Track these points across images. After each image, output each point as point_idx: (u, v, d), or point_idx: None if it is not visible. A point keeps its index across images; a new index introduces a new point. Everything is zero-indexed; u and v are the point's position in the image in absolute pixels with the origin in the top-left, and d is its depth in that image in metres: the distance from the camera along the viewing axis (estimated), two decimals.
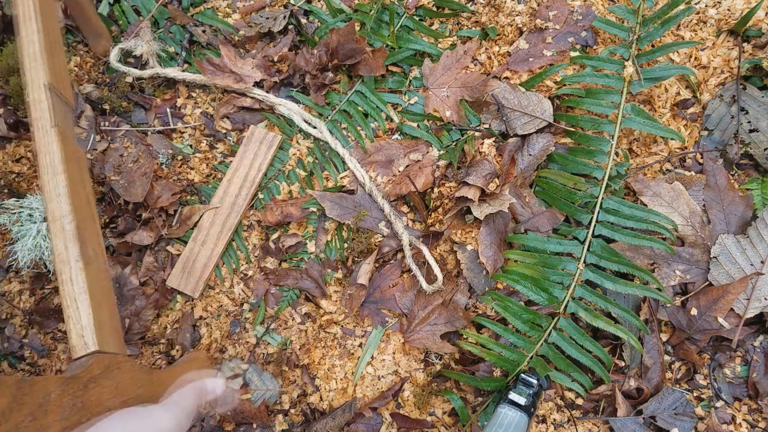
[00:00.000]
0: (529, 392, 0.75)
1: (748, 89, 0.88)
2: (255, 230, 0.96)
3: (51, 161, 0.66)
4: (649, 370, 0.83)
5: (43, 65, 0.71)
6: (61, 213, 0.64)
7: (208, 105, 1.02)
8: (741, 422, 0.81)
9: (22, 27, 0.73)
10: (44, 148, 0.67)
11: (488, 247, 0.86)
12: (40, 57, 0.72)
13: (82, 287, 0.61)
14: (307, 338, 0.91)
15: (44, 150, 0.67)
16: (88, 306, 0.60)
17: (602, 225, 0.84)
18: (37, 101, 0.69)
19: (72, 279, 0.62)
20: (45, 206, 0.65)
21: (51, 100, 0.69)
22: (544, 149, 0.89)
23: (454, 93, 0.95)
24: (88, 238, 0.66)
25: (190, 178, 0.98)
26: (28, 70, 0.71)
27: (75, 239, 0.63)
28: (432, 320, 0.87)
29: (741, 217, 0.84)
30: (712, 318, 0.81)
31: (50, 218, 0.64)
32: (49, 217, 0.64)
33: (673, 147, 0.90)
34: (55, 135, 0.67)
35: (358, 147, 0.96)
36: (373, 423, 0.85)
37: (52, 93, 0.70)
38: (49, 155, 0.66)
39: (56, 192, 0.65)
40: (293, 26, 1.03)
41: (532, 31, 0.95)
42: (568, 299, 0.82)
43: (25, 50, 0.72)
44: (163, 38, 1.05)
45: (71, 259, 0.63)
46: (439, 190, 0.92)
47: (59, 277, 0.62)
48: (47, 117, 0.68)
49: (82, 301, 0.61)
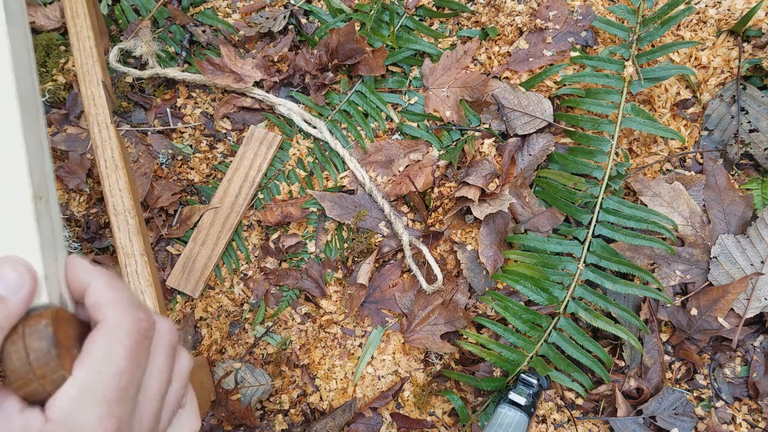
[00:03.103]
0: (529, 392, 0.75)
1: (748, 89, 0.88)
2: (255, 230, 0.96)
3: (111, 156, 0.67)
4: (649, 370, 0.83)
5: (98, 61, 0.72)
6: (124, 207, 0.66)
7: (208, 105, 1.02)
8: (741, 422, 0.81)
9: (71, 24, 0.74)
10: (103, 144, 0.68)
11: (488, 247, 0.86)
12: (94, 52, 0.72)
13: (148, 280, 0.62)
14: (307, 338, 0.91)
15: (103, 145, 0.68)
16: (154, 299, 0.61)
17: (602, 225, 0.84)
18: (94, 97, 0.70)
19: (138, 272, 0.62)
20: (106, 200, 0.66)
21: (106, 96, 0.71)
22: (544, 149, 0.89)
23: (454, 93, 0.95)
24: (144, 233, 0.67)
25: (190, 178, 0.98)
26: (81, 65, 0.72)
27: (138, 233, 0.64)
28: (432, 320, 0.87)
29: (741, 217, 0.84)
30: (712, 318, 0.81)
31: (112, 212, 0.65)
32: (110, 210, 0.65)
33: (673, 147, 0.90)
34: (114, 131, 0.68)
35: (358, 147, 0.96)
36: (373, 423, 0.85)
37: (105, 89, 0.71)
38: (109, 150, 0.68)
39: (118, 187, 0.66)
40: (293, 26, 1.03)
41: (532, 31, 0.95)
42: (568, 299, 0.82)
43: (76, 47, 0.73)
44: (163, 38, 1.05)
45: (136, 253, 0.63)
46: (439, 190, 0.92)
47: (124, 270, 0.62)
48: (105, 113, 0.69)
49: (149, 295, 0.61)
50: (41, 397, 0.31)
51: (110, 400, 0.31)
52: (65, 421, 0.30)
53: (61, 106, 1.01)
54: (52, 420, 0.30)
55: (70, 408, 0.30)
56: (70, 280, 0.34)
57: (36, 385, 0.30)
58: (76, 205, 0.97)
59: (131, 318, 0.33)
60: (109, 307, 0.33)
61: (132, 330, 0.33)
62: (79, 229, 0.95)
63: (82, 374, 0.31)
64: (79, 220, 0.96)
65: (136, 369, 0.33)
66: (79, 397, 0.30)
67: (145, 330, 0.34)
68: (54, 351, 0.31)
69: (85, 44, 0.73)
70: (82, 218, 0.96)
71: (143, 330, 0.33)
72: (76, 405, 0.30)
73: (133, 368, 0.32)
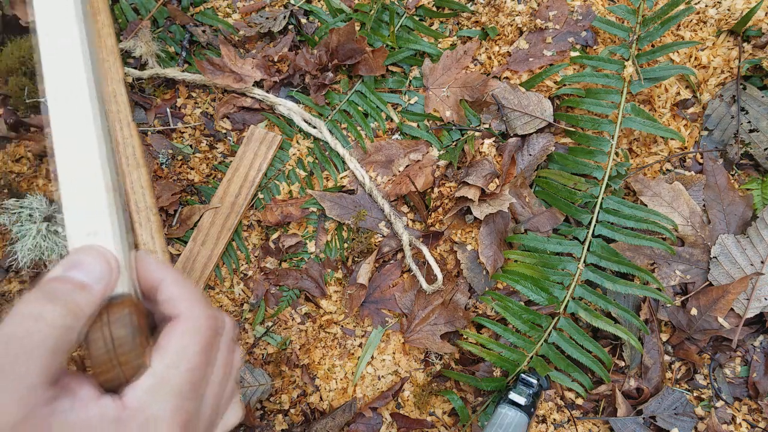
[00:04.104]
0: (529, 392, 0.75)
1: (748, 89, 0.88)
2: (255, 230, 0.96)
3: (133, 154, 0.68)
4: (649, 370, 0.83)
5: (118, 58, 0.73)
6: (145, 205, 0.67)
7: (208, 105, 1.02)
8: (741, 422, 0.81)
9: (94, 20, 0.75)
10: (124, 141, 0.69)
11: (488, 247, 0.86)
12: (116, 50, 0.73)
13: None
14: (307, 338, 0.91)
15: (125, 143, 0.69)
16: None
17: (602, 225, 0.84)
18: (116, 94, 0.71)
19: None
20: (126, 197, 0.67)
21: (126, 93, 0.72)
22: (544, 149, 0.89)
23: (454, 93, 0.95)
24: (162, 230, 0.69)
25: (190, 178, 0.98)
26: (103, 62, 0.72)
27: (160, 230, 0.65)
28: (432, 320, 0.87)
29: (741, 217, 0.84)
30: (712, 318, 0.81)
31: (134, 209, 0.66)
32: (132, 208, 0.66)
33: (673, 147, 0.90)
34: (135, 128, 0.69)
35: (358, 147, 0.96)
36: (373, 423, 0.85)
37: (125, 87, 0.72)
38: (131, 148, 0.69)
39: (140, 184, 0.67)
40: (293, 26, 1.03)
41: (532, 31, 0.95)
42: (568, 299, 0.82)
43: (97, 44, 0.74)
44: (163, 38, 1.05)
45: (158, 249, 0.64)
46: (439, 190, 0.92)
47: None
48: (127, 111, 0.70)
49: None
50: (118, 383, 0.32)
51: (182, 394, 0.32)
52: (140, 411, 0.30)
53: None
54: (128, 408, 0.30)
55: (147, 398, 0.31)
56: (141, 275, 0.35)
57: (117, 372, 0.31)
58: None
59: (205, 315, 0.34)
60: (184, 304, 0.34)
61: (206, 327, 0.34)
62: None
63: (159, 366, 0.32)
64: None
65: (208, 365, 0.34)
66: (156, 388, 0.31)
67: (217, 327, 0.35)
68: (137, 338, 0.32)
69: (107, 42, 0.74)
70: None
71: (215, 327, 0.35)
72: (152, 396, 0.31)
73: (205, 364, 0.33)
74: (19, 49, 1.00)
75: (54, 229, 0.91)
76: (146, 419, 0.30)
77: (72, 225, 0.33)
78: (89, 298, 0.31)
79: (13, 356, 0.28)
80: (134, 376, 0.31)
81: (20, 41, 1.01)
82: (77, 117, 0.34)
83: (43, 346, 0.28)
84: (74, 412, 0.29)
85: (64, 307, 0.29)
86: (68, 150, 0.33)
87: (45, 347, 0.28)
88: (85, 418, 0.29)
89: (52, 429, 0.28)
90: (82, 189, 0.33)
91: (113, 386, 0.32)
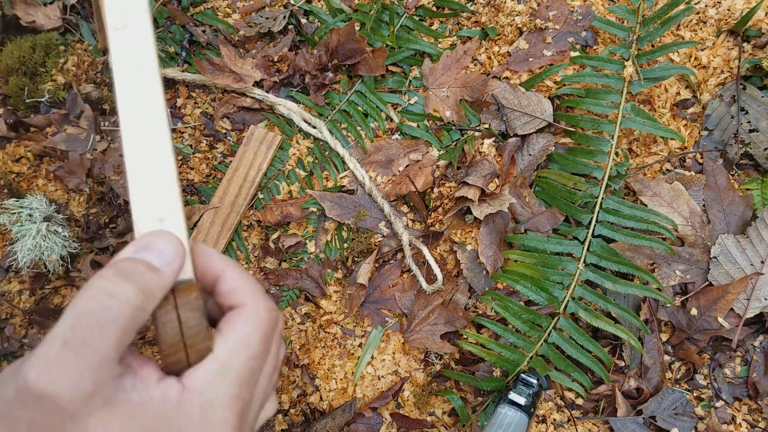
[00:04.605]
0: (529, 392, 0.75)
1: (748, 89, 0.88)
2: (255, 230, 0.96)
3: None
4: (649, 370, 0.83)
5: None
6: None
7: (208, 105, 1.02)
8: (741, 422, 0.81)
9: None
10: None
11: (488, 247, 0.86)
12: None
13: None
14: (306, 338, 0.91)
15: None
16: None
17: (602, 225, 0.84)
18: None
19: None
20: None
21: None
22: (544, 149, 0.89)
23: (454, 93, 0.95)
24: None
25: (189, 178, 0.98)
26: None
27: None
28: (432, 320, 0.87)
29: (741, 217, 0.84)
30: (712, 318, 0.81)
31: None
32: None
33: (673, 147, 0.90)
34: None
35: (358, 147, 0.96)
36: (373, 423, 0.85)
37: None
38: None
39: None
40: (293, 26, 1.03)
41: (532, 31, 0.95)
42: (568, 299, 0.82)
43: None
44: (163, 38, 1.05)
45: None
46: (439, 190, 0.92)
47: None
48: None
49: None
50: (181, 366, 0.32)
51: (241, 382, 0.32)
52: (201, 394, 0.31)
53: (61, 106, 1.01)
54: (189, 390, 0.31)
55: (208, 382, 0.31)
56: (202, 265, 0.35)
57: (182, 354, 0.32)
58: (76, 205, 0.97)
59: (267, 307, 0.35)
60: (247, 295, 0.35)
61: (267, 319, 0.35)
62: (79, 229, 0.95)
63: (222, 352, 0.32)
64: (78, 220, 0.96)
65: (265, 355, 0.35)
66: (217, 373, 0.32)
67: (276, 319, 0.36)
68: (204, 322, 0.33)
69: None
70: (82, 218, 0.96)
71: (275, 319, 0.36)
72: (213, 380, 0.31)
73: (264, 354, 0.34)
74: (19, 49, 1.00)
75: (54, 229, 0.91)
76: (206, 403, 0.31)
77: (140, 210, 0.34)
78: (160, 281, 0.32)
79: (87, 329, 0.28)
80: (197, 360, 0.32)
81: (20, 41, 1.01)
82: (146, 102, 0.35)
83: (115, 323, 0.29)
84: (137, 391, 0.30)
85: (136, 287, 0.30)
86: (138, 137, 0.34)
87: (117, 324, 0.29)
88: (147, 399, 0.30)
89: (117, 405, 0.28)
90: (152, 176, 0.34)
91: (176, 369, 0.32)
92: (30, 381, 0.27)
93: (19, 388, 0.27)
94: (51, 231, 0.90)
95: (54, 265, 0.92)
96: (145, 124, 0.34)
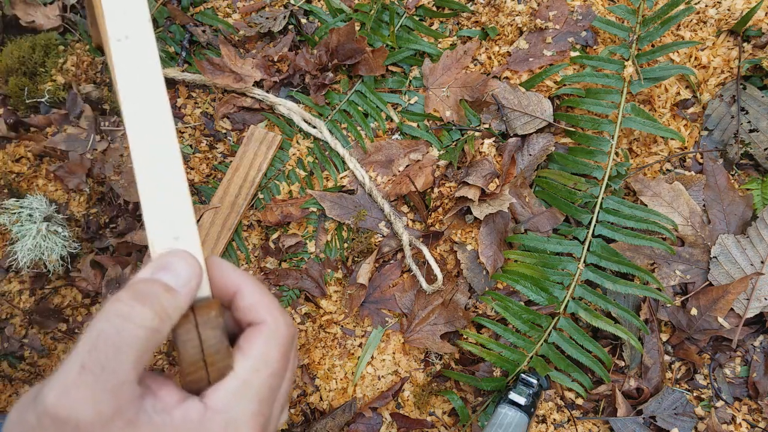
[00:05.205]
0: (529, 392, 0.75)
1: (748, 89, 0.88)
2: (255, 230, 0.96)
3: None
4: (649, 370, 0.83)
5: None
6: None
7: (208, 105, 1.02)
8: (741, 422, 0.81)
9: None
10: None
11: (488, 247, 0.86)
12: None
13: None
14: (307, 338, 0.91)
15: None
16: None
17: (602, 225, 0.84)
18: None
19: None
20: None
21: None
22: (544, 149, 0.89)
23: (454, 93, 0.95)
24: None
25: (190, 178, 0.98)
26: None
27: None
28: (432, 320, 0.87)
29: (741, 217, 0.84)
30: (712, 318, 0.81)
31: None
32: None
33: (673, 147, 0.90)
34: None
35: (358, 147, 0.96)
36: (373, 423, 0.85)
37: None
38: None
39: None
40: (293, 26, 1.03)
41: (532, 31, 0.95)
42: (568, 299, 0.82)
43: None
44: (163, 38, 1.05)
45: None
46: (439, 190, 0.92)
47: None
48: None
49: None
50: (201, 385, 0.32)
51: (261, 399, 0.32)
52: (223, 413, 0.31)
53: (61, 106, 1.01)
54: (211, 409, 0.31)
55: (230, 400, 0.31)
56: (218, 280, 0.35)
57: (202, 373, 0.32)
58: (76, 205, 0.97)
59: (286, 323, 0.35)
60: (267, 311, 0.34)
61: (286, 335, 0.34)
62: (79, 229, 0.95)
63: (243, 370, 0.32)
64: (79, 220, 0.96)
65: (284, 372, 0.35)
66: (239, 391, 0.32)
67: (294, 335, 0.36)
68: (225, 341, 0.32)
69: None
70: (82, 218, 0.96)
71: (293, 335, 0.35)
72: (235, 398, 0.31)
73: (283, 371, 0.34)
74: (19, 49, 1.00)
75: (54, 229, 0.91)
76: (228, 421, 0.31)
77: (155, 229, 0.33)
78: (176, 302, 0.31)
79: (104, 353, 0.28)
80: (217, 378, 0.32)
81: (20, 41, 1.01)
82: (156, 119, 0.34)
83: (131, 346, 0.29)
84: (157, 413, 0.30)
85: (151, 309, 0.30)
86: (148, 154, 0.34)
87: (133, 347, 0.29)
88: (169, 420, 0.30)
89: (140, 426, 0.28)
90: (165, 194, 0.33)
91: (196, 388, 0.32)
92: (50, 406, 0.27)
93: (40, 414, 0.27)
94: (51, 231, 0.90)
95: (54, 265, 0.92)
96: (155, 140, 0.34)
